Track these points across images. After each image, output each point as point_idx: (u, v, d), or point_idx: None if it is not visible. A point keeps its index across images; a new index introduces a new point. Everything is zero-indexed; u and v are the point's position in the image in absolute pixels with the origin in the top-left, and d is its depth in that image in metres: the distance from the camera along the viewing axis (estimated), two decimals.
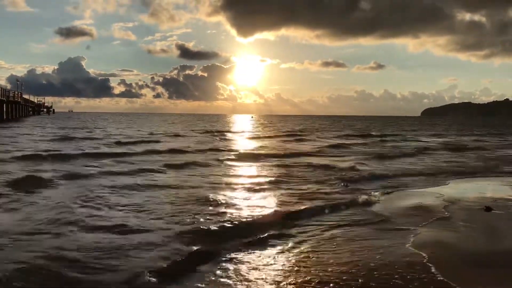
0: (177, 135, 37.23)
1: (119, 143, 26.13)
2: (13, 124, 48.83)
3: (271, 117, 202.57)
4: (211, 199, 9.59)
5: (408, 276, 5.36)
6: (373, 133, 45.53)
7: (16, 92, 65.41)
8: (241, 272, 5.45)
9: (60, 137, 30.82)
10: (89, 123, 69.60)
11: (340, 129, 57.59)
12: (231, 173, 14.62)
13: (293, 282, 5.18)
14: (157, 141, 29.04)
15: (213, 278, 5.28)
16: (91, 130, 44.00)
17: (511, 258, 6.18)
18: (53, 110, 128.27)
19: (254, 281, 5.19)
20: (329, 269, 5.59)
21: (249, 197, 10.18)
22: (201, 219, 7.86)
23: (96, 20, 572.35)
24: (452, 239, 7.05)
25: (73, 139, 28.89)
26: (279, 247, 6.47)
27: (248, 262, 5.83)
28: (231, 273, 5.42)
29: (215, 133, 42.13)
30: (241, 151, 22.72)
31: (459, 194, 11.07)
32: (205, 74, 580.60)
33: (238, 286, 5.06)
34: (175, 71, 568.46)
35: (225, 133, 42.82)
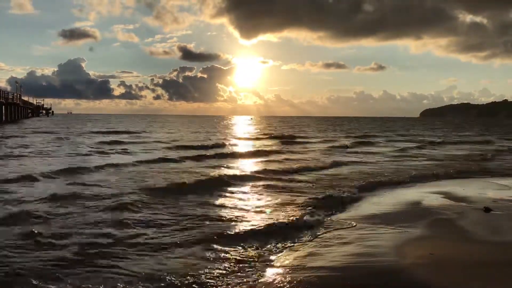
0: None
1: None
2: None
3: (272, 118, 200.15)
4: None
5: (408, 276, 5.33)
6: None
7: (15, 94, 65.37)
8: None
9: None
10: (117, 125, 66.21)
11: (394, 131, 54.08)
12: None
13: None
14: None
15: None
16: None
17: (510, 258, 6.16)
18: (52, 112, 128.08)
19: None
20: (325, 269, 5.57)
21: None
22: None
23: (100, 23, 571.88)
24: (451, 240, 7.02)
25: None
26: None
27: None
28: None
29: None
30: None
31: (458, 194, 11.03)
32: (205, 76, 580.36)
33: None
34: (175, 73, 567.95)
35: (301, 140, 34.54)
